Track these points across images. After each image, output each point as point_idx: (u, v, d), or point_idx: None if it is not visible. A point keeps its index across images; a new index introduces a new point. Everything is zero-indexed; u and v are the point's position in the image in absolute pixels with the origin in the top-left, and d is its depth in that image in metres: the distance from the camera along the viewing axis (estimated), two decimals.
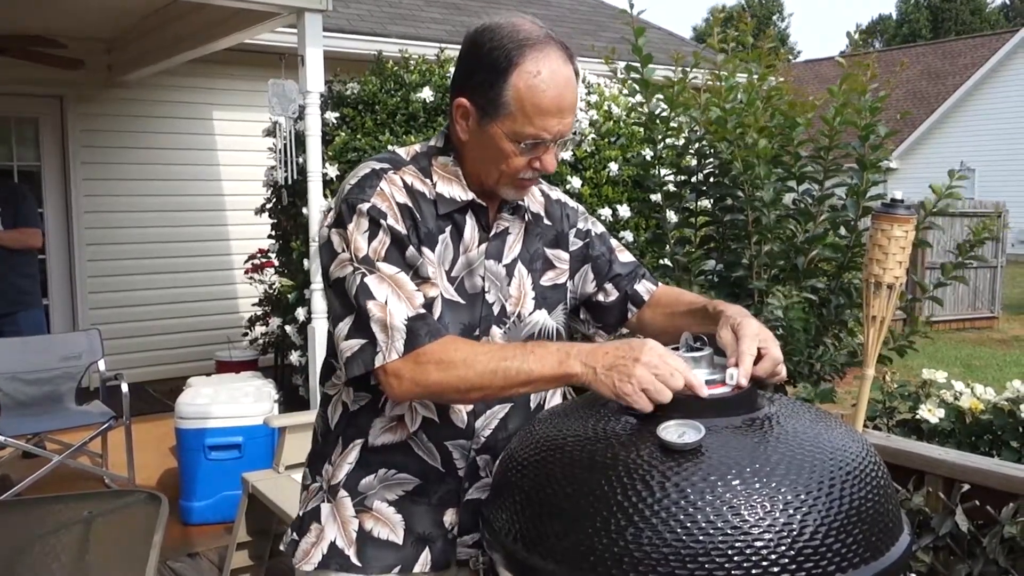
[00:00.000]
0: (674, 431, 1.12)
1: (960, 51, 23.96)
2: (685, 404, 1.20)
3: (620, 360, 1.19)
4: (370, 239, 1.33)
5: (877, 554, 1.11)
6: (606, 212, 4.17)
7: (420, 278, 1.34)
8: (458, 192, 1.43)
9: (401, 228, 1.34)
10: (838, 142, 2.92)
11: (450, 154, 1.45)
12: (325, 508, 1.46)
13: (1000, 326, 11.31)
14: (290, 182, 4.42)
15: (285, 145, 4.38)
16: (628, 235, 4.16)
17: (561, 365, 1.24)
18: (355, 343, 1.31)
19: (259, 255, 5.60)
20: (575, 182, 4.23)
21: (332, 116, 4.48)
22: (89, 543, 2.22)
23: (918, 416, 2.80)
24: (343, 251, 1.34)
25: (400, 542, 1.43)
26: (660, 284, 1.65)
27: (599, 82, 4.87)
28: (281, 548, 1.53)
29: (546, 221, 1.56)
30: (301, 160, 4.31)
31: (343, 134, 4.41)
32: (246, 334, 5.64)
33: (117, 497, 2.95)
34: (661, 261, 3.49)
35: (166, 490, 2.63)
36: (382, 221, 1.33)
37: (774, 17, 41.75)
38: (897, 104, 20.70)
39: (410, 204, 1.37)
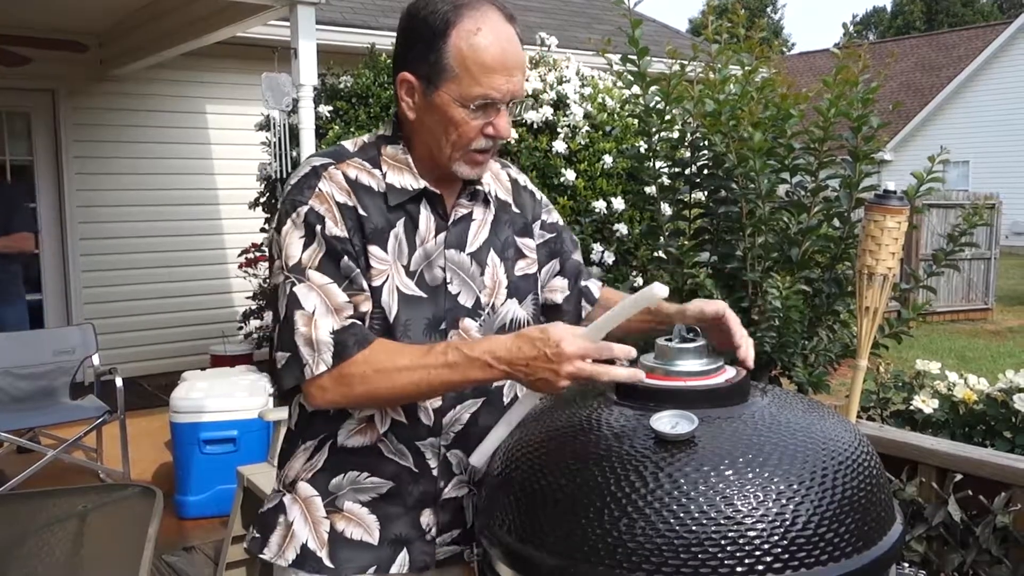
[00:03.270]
0: (667, 422, 1.12)
1: (954, 43, 23.97)
2: (679, 394, 1.20)
3: (542, 373, 1.20)
4: (304, 246, 1.30)
5: (870, 543, 1.11)
6: (600, 205, 4.16)
7: (354, 289, 1.31)
8: (409, 181, 1.38)
9: (340, 232, 1.31)
10: (832, 134, 2.92)
11: (399, 142, 1.40)
12: (287, 500, 1.41)
13: (994, 317, 11.35)
14: (284, 175, 4.41)
15: (278, 138, 4.37)
16: (623, 228, 4.16)
17: (483, 372, 1.24)
18: (284, 355, 1.29)
19: (252, 249, 5.59)
20: (569, 175, 4.23)
21: (325, 109, 4.47)
22: (84, 537, 2.22)
23: (912, 407, 2.80)
24: (278, 258, 1.32)
25: (375, 543, 1.39)
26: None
27: (593, 74, 4.86)
28: (244, 547, 1.46)
29: (514, 208, 1.52)
30: (295, 154, 4.30)
31: (337, 127, 4.40)
32: (240, 328, 5.63)
33: (112, 491, 2.94)
34: (655, 253, 3.49)
35: (161, 484, 2.62)
36: (318, 228, 1.30)
37: (767, 9, 41.71)
38: (891, 96, 20.71)
39: (351, 203, 1.33)
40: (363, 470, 1.38)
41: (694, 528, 1.03)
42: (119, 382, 4.27)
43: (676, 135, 3.25)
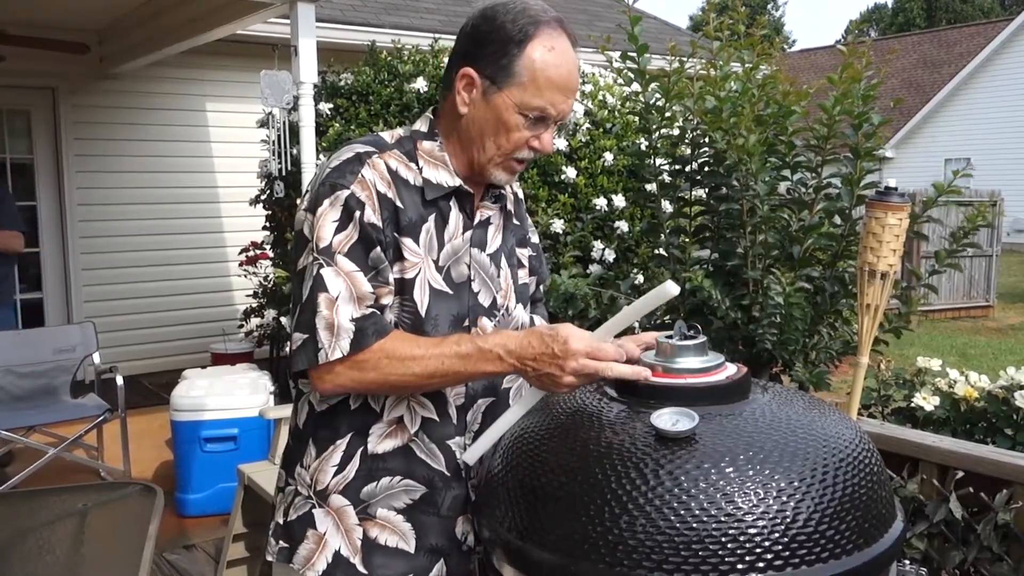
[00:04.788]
0: (668, 419, 1.11)
1: (956, 39, 23.93)
2: (679, 392, 1.20)
3: (547, 368, 1.24)
4: (337, 230, 1.30)
5: (871, 541, 1.11)
6: (601, 202, 4.16)
7: (379, 281, 1.32)
8: (445, 178, 1.40)
9: (377, 221, 1.31)
10: (835, 131, 2.91)
11: (436, 139, 1.42)
12: (319, 513, 1.38)
13: (995, 315, 11.34)
14: (284, 173, 4.40)
15: (279, 136, 4.37)
16: (623, 225, 4.15)
17: (494, 365, 1.28)
18: (300, 337, 1.30)
19: (253, 247, 5.58)
20: (570, 172, 4.22)
21: (326, 107, 4.46)
22: (84, 535, 2.22)
23: (913, 404, 2.80)
24: (309, 239, 1.32)
25: (412, 551, 1.38)
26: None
27: (594, 71, 4.86)
28: (269, 559, 1.43)
29: (515, 220, 1.57)
30: (295, 151, 4.30)
31: (337, 125, 4.40)
32: (241, 326, 5.63)
33: (112, 489, 2.94)
34: (656, 251, 3.49)
35: (162, 482, 2.62)
36: (356, 213, 1.30)
37: (768, 6, 41.65)
38: (893, 93, 20.66)
39: (391, 194, 1.34)
40: (396, 475, 1.37)
41: (695, 525, 1.03)
42: (120, 380, 4.27)
43: (676, 132, 3.24)
